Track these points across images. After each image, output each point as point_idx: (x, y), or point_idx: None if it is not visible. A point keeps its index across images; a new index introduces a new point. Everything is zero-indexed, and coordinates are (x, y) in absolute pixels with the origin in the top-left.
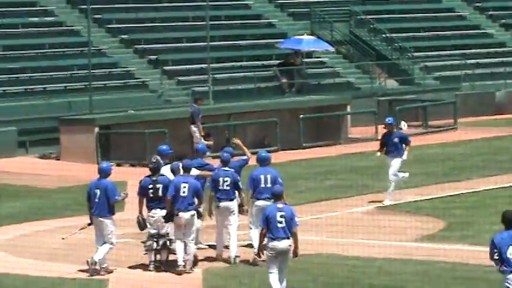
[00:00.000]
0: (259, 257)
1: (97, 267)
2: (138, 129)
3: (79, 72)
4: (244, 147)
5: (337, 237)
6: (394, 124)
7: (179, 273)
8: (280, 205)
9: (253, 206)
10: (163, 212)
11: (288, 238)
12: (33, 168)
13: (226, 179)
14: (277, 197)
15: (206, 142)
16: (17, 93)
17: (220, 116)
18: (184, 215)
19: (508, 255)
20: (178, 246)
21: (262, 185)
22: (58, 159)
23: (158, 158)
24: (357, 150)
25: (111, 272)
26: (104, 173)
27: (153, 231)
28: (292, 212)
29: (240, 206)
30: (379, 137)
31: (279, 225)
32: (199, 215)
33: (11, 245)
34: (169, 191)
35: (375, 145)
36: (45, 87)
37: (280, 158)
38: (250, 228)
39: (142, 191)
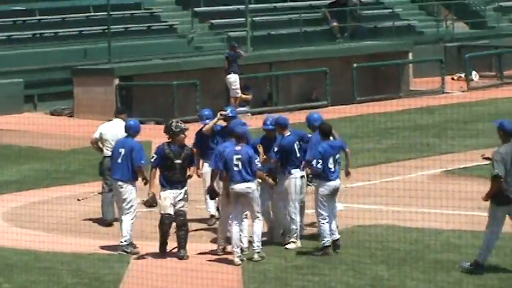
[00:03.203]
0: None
1: (129, 250)
2: (165, 81)
3: (96, 14)
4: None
5: (397, 205)
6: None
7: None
8: (238, 147)
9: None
10: None
11: (246, 181)
12: (42, 126)
13: None
14: (237, 138)
15: (244, 96)
16: (23, 40)
17: (260, 65)
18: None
19: (329, 165)
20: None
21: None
22: (71, 116)
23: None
24: (420, 105)
25: (136, 253)
26: (131, 131)
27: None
28: (249, 155)
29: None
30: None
31: (235, 168)
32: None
33: (17, 215)
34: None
35: (442, 99)
36: (56, 32)
37: (331, 114)
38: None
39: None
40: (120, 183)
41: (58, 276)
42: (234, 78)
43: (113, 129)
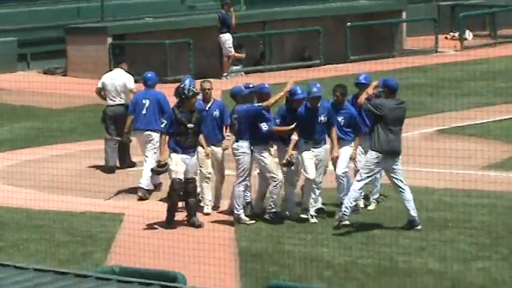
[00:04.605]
0: None
1: (147, 195)
2: (158, 40)
3: None
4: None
5: None
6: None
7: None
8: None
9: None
10: None
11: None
12: (35, 85)
13: None
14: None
15: (237, 55)
16: None
17: (253, 24)
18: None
19: None
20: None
21: None
22: (64, 75)
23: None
24: (413, 64)
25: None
26: (151, 82)
27: None
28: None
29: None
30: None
31: None
32: None
33: (9, 173)
34: None
35: (435, 58)
36: None
37: (323, 73)
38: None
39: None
40: (147, 132)
41: (50, 234)
42: (227, 37)
43: (112, 78)
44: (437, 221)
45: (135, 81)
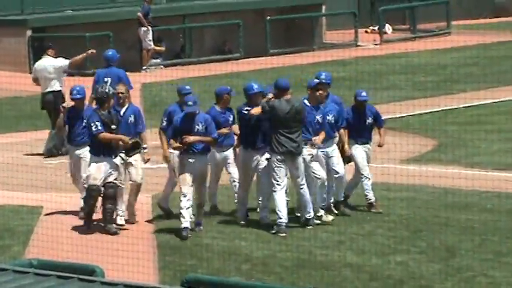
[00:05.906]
0: None
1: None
2: (78, 33)
3: None
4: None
5: None
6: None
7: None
8: None
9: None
10: None
11: None
12: None
13: None
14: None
15: (157, 48)
16: None
17: (173, 17)
18: None
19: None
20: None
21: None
22: None
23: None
24: (333, 58)
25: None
26: (112, 61)
27: None
28: None
29: None
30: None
31: None
32: None
33: None
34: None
35: (354, 52)
36: None
37: (243, 67)
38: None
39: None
40: None
41: None
42: (146, 30)
43: (42, 65)
44: (356, 215)
45: None
